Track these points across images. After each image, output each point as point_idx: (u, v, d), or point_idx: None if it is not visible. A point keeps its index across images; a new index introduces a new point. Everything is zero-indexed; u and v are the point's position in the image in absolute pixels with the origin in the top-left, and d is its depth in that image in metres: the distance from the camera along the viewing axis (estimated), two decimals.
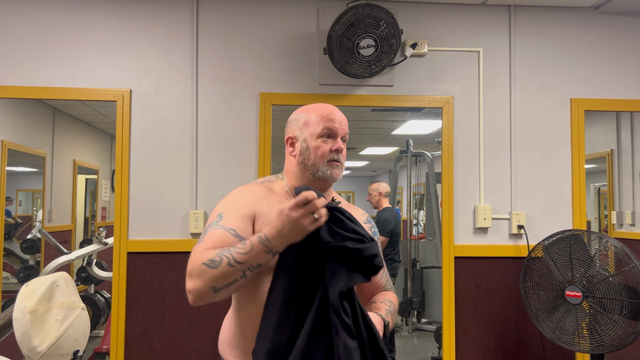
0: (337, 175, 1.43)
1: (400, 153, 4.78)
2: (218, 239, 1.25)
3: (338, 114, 1.46)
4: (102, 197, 4.86)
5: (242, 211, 1.33)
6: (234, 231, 1.28)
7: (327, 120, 1.43)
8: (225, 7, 2.80)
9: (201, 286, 1.17)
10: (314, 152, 1.41)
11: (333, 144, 1.42)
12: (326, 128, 1.42)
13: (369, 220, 1.56)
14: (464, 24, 2.90)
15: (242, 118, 2.78)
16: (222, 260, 1.16)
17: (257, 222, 1.34)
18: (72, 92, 2.69)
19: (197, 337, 2.69)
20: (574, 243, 2.41)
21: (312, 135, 1.43)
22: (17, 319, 1.24)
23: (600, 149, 3.61)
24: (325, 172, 1.41)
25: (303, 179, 1.44)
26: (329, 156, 1.41)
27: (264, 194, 1.41)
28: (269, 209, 1.36)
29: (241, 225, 1.30)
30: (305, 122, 1.45)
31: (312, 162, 1.41)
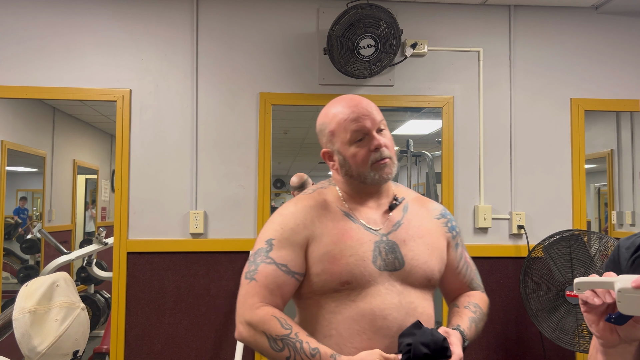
0: (389, 174, 1.28)
1: (400, 153, 4.78)
2: (270, 279, 1.22)
3: (361, 106, 1.28)
4: (102, 197, 4.86)
5: (293, 239, 1.25)
6: (286, 267, 1.23)
7: (351, 121, 1.27)
8: (225, 8, 2.80)
9: (252, 344, 1.20)
10: (353, 161, 1.27)
11: (369, 143, 1.26)
12: (355, 131, 1.26)
13: (444, 215, 1.40)
14: (464, 24, 2.90)
15: (242, 118, 2.78)
16: (285, 349, 1.16)
17: (310, 247, 1.26)
18: (72, 92, 2.69)
19: (197, 337, 2.69)
20: (574, 243, 2.41)
21: (343, 144, 1.28)
22: (16, 318, 1.24)
23: (600, 149, 3.61)
24: (374, 177, 1.27)
25: (352, 187, 1.32)
26: (370, 159, 1.26)
27: (316, 213, 1.29)
28: (322, 231, 1.26)
29: (293, 258, 1.24)
30: (331, 132, 1.30)
31: (356, 172, 1.28)
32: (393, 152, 1.29)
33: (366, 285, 1.23)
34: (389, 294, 1.22)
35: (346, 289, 1.23)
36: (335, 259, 1.23)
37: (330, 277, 1.23)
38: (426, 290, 1.29)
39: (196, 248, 2.71)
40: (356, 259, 1.23)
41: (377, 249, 1.25)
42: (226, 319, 2.70)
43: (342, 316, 1.22)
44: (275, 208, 5.84)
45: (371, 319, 1.20)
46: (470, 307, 1.33)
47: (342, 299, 1.23)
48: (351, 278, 1.22)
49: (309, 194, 1.35)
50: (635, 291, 0.74)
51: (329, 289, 1.23)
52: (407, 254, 1.27)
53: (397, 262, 1.26)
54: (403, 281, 1.25)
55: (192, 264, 2.71)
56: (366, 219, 1.30)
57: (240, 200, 2.76)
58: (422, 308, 1.26)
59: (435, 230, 1.35)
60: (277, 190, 14.16)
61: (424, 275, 1.27)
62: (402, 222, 1.31)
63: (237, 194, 2.76)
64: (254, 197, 2.76)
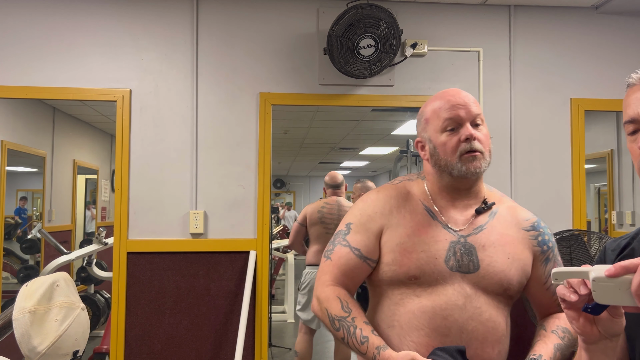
0: (478, 168, 1.22)
1: (400, 153, 4.78)
2: (344, 261, 1.28)
3: (459, 97, 1.24)
4: (102, 197, 4.86)
5: (369, 226, 1.29)
6: (359, 251, 1.28)
7: (445, 109, 1.23)
8: (225, 7, 2.80)
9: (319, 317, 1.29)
10: (442, 149, 1.24)
11: (461, 133, 1.22)
12: (447, 119, 1.23)
13: (535, 228, 1.32)
14: (464, 24, 2.90)
15: (242, 118, 2.78)
16: (341, 330, 1.22)
17: (384, 236, 1.28)
18: (72, 92, 2.69)
19: (197, 337, 2.69)
20: (574, 243, 2.41)
21: (435, 132, 1.25)
22: (16, 319, 1.24)
23: (600, 149, 3.61)
24: (461, 168, 1.22)
25: (441, 180, 1.28)
26: (459, 149, 1.22)
27: (396, 203, 1.30)
28: (399, 221, 1.27)
29: (367, 243, 1.28)
30: (426, 120, 1.28)
31: (444, 162, 1.24)
32: (487, 149, 1.24)
33: (434, 283, 1.22)
34: (454, 295, 1.21)
35: (413, 283, 1.23)
36: (407, 251, 1.23)
37: (399, 268, 1.23)
38: (501, 299, 1.25)
39: (196, 248, 2.71)
40: (427, 256, 1.22)
41: (452, 249, 1.23)
42: (226, 319, 2.70)
43: (404, 309, 1.23)
44: (275, 208, 5.92)
45: (431, 316, 1.20)
46: (559, 331, 1.26)
47: (408, 293, 1.23)
48: (420, 273, 1.22)
49: (394, 184, 1.36)
50: (609, 280, 0.74)
51: (396, 280, 1.24)
52: (483, 259, 1.23)
53: (472, 265, 1.23)
54: (475, 285, 1.22)
55: (192, 264, 2.71)
56: (447, 218, 1.27)
57: (240, 200, 2.76)
58: (489, 315, 1.21)
59: (520, 241, 1.29)
60: (277, 190, 14.16)
61: (499, 283, 1.23)
62: (485, 227, 1.27)
63: (237, 194, 2.76)
64: (254, 197, 2.76)
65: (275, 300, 6.39)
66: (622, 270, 0.73)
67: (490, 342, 1.22)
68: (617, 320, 0.80)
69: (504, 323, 1.26)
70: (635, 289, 0.71)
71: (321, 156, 8.99)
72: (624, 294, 0.74)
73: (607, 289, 0.75)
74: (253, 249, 2.73)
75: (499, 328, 1.24)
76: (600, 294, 0.76)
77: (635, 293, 0.71)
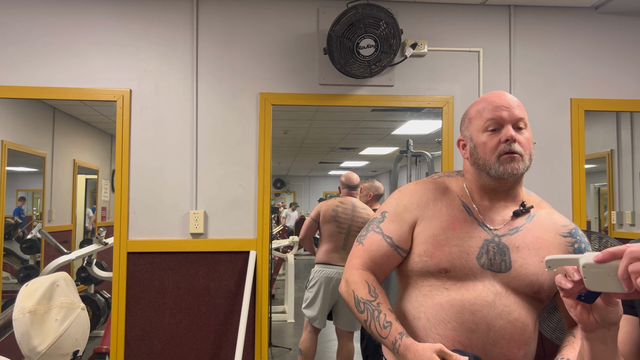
0: (516, 170, 1.22)
1: (400, 153, 4.78)
2: (375, 247, 1.32)
3: (503, 99, 1.26)
4: (102, 197, 4.86)
5: (404, 215, 1.32)
6: (391, 240, 1.31)
7: (489, 110, 1.25)
8: (225, 7, 2.80)
9: (345, 299, 1.32)
10: (481, 149, 1.25)
11: (502, 134, 1.23)
12: (489, 119, 1.25)
13: (573, 235, 1.30)
14: (464, 24, 2.90)
15: (242, 118, 2.78)
16: (365, 313, 1.24)
17: (417, 227, 1.30)
18: (72, 92, 2.69)
19: (197, 337, 2.69)
20: None
21: (477, 131, 1.27)
22: (16, 318, 1.24)
23: (600, 149, 3.61)
24: (498, 169, 1.23)
25: (480, 179, 1.29)
26: (498, 150, 1.23)
27: (433, 196, 1.32)
28: (434, 214, 1.29)
29: (399, 233, 1.31)
30: (470, 119, 1.31)
31: (483, 161, 1.25)
32: (527, 152, 1.25)
33: (464, 278, 1.22)
34: (484, 291, 1.21)
35: (443, 276, 1.23)
36: (439, 244, 1.25)
37: (430, 260, 1.24)
38: (531, 301, 1.24)
39: (196, 248, 2.71)
40: (460, 250, 1.23)
41: (485, 247, 1.24)
42: (226, 319, 2.70)
43: (432, 301, 1.23)
44: (275, 208, 5.91)
45: (459, 310, 1.20)
46: None
47: (437, 285, 1.24)
48: (450, 267, 1.22)
49: (433, 179, 1.37)
50: (599, 266, 0.75)
51: (427, 272, 1.25)
52: (516, 260, 1.23)
53: (504, 265, 1.23)
54: (505, 284, 1.22)
55: (192, 264, 2.71)
56: (484, 216, 1.28)
57: (240, 200, 2.76)
58: (518, 314, 1.21)
59: (556, 246, 1.28)
60: (277, 190, 14.16)
61: (530, 285, 1.22)
62: (521, 230, 1.27)
63: (237, 194, 2.76)
64: (254, 197, 2.76)
65: (275, 300, 6.40)
66: (609, 256, 0.74)
67: (517, 342, 1.21)
68: (612, 309, 0.81)
69: (532, 325, 1.25)
70: (621, 273, 0.72)
71: (321, 156, 8.99)
72: (612, 279, 0.75)
73: (597, 275, 0.76)
74: (253, 249, 2.73)
75: (527, 329, 1.23)
76: (591, 281, 0.77)
77: (621, 277, 0.72)
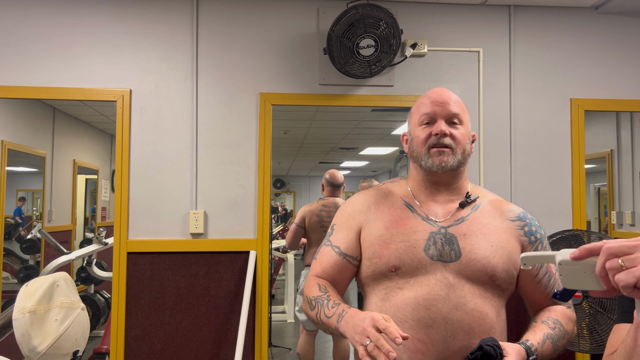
0: (444, 162, 1.26)
1: (400, 153, 4.78)
2: (325, 259, 1.36)
3: (441, 95, 1.31)
4: (102, 197, 4.86)
5: (349, 224, 1.35)
6: (338, 249, 1.34)
7: (425, 105, 1.31)
8: (225, 7, 2.80)
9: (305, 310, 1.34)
10: (416, 141, 1.31)
11: (434, 127, 1.28)
12: (424, 114, 1.30)
13: (521, 218, 1.32)
14: (464, 24, 2.90)
15: (242, 118, 2.78)
16: (315, 308, 1.27)
17: (363, 231, 1.33)
18: (72, 92, 2.69)
19: (197, 337, 2.69)
20: (574, 243, 2.41)
21: (414, 125, 1.33)
22: (16, 318, 1.24)
23: (600, 149, 3.61)
24: (427, 161, 1.28)
25: (418, 175, 1.34)
26: (428, 142, 1.27)
27: (375, 200, 1.35)
28: (377, 216, 1.31)
29: (346, 241, 1.34)
30: (410, 114, 1.37)
31: (416, 153, 1.30)
32: (460, 147, 1.27)
33: (415, 273, 1.22)
34: (437, 285, 1.21)
35: (396, 275, 1.24)
36: (385, 243, 1.26)
37: (380, 260, 1.26)
38: (487, 288, 1.23)
39: (196, 248, 2.71)
40: (406, 245, 1.24)
41: (431, 239, 1.25)
42: (226, 319, 2.70)
43: (389, 304, 1.24)
44: (275, 208, 5.93)
45: (413, 307, 1.20)
46: (549, 322, 1.24)
47: (392, 287, 1.25)
48: (400, 263, 1.23)
49: (378, 187, 1.42)
50: (575, 263, 0.73)
51: (379, 274, 1.26)
52: (465, 246, 1.24)
53: (454, 254, 1.23)
54: (458, 274, 1.22)
55: (192, 264, 2.71)
56: (427, 211, 1.30)
57: (240, 200, 2.76)
58: (474, 304, 1.20)
59: (505, 230, 1.29)
60: (277, 190, 14.16)
61: (483, 270, 1.22)
62: (467, 219, 1.29)
63: (237, 194, 2.76)
64: (254, 197, 2.76)
65: (275, 300, 6.40)
66: (586, 252, 0.73)
67: (477, 332, 1.20)
68: None
69: (492, 314, 1.24)
70: (598, 270, 0.71)
71: (321, 156, 8.99)
72: (589, 276, 0.73)
73: (573, 272, 0.74)
74: (253, 249, 2.73)
75: (487, 318, 1.22)
76: (567, 279, 0.75)
77: (599, 274, 0.71)
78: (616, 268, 0.69)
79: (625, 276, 0.68)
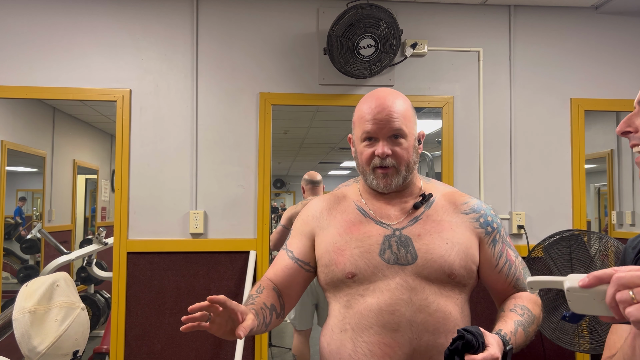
0: (388, 185, 1.25)
1: None
2: (278, 262, 1.35)
3: (381, 108, 1.23)
4: (102, 197, 4.86)
5: (303, 229, 1.35)
6: (292, 253, 1.34)
7: (366, 121, 1.24)
8: (225, 8, 2.80)
9: None
10: (360, 157, 1.28)
11: (376, 147, 1.24)
12: (365, 132, 1.25)
13: (475, 210, 1.30)
14: (464, 24, 2.90)
15: (242, 118, 2.78)
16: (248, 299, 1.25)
17: (316, 239, 1.32)
18: (72, 92, 2.69)
19: (197, 337, 2.69)
20: (574, 243, 2.41)
21: (357, 139, 1.29)
22: (16, 318, 1.24)
23: (600, 149, 3.61)
24: (372, 181, 1.27)
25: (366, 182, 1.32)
26: (372, 163, 1.25)
27: (328, 205, 1.34)
28: (329, 222, 1.31)
29: (299, 246, 1.34)
30: (353, 122, 1.32)
31: (362, 169, 1.29)
32: (403, 163, 1.24)
33: (373, 278, 1.21)
34: (398, 289, 1.20)
35: (354, 283, 1.23)
36: (340, 249, 1.25)
37: (336, 267, 1.24)
38: (447, 286, 1.22)
39: (196, 248, 2.71)
40: (361, 251, 1.23)
41: (386, 242, 1.23)
42: None
43: (352, 311, 1.23)
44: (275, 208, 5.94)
45: (377, 313, 1.20)
46: (517, 309, 1.24)
47: (352, 294, 1.24)
48: (356, 270, 1.22)
49: (333, 191, 1.42)
50: (584, 290, 0.73)
51: (338, 281, 1.25)
52: (420, 247, 1.23)
53: (410, 256, 1.22)
54: (417, 276, 1.21)
55: (192, 264, 2.71)
56: (380, 214, 1.29)
57: (240, 200, 2.76)
58: (437, 305, 1.20)
59: (459, 225, 1.27)
60: (277, 190, 14.15)
61: (441, 270, 1.21)
62: (421, 218, 1.27)
63: (237, 194, 2.76)
64: (254, 197, 2.76)
65: None
66: (595, 280, 0.71)
67: (442, 332, 1.20)
68: None
69: (456, 312, 1.23)
70: (609, 301, 0.69)
71: (321, 156, 8.98)
72: (599, 304, 0.72)
73: (582, 299, 0.74)
74: (253, 249, 2.73)
75: (450, 318, 1.22)
76: (576, 304, 0.74)
77: (609, 304, 0.69)
78: (627, 301, 0.66)
79: (636, 311, 0.64)
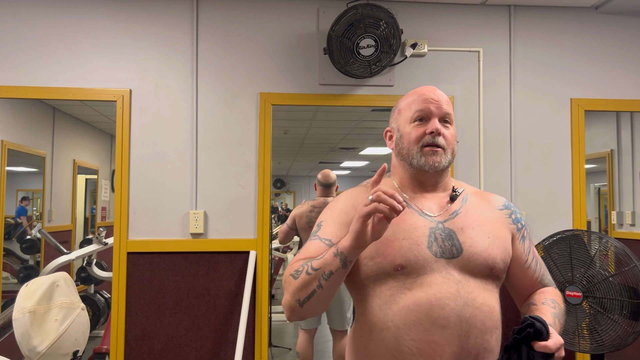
0: (437, 163, 1.24)
1: None
2: (312, 249, 1.21)
3: (433, 93, 1.28)
4: (102, 197, 4.86)
5: (340, 218, 1.26)
6: (329, 241, 1.22)
7: (418, 102, 1.26)
8: (225, 7, 2.80)
9: (289, 299, 1.16)
10: (406, 139, 1.27)
11: (428, 126, 1.24)
12: (418, 110, 1.25)
13: (507, 206, 1.36)
14: (464, 24, 2.90)
15: (242, 118, 2.78)
16: (303, 269, 1.14)
17: None
18: (72, 92, 2.69)
19: (197, 337, 2.69)
20: (574, 243, 2.41)
21: (405, 122, 1.28)
22: (16, 319, 1.24)
23: (600, 149, 3.61)
24: (419, 160, 1.24)
25: (405, 172, 1.30)
26: (422, 140, 1.24)
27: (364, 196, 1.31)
28: None
29: (338, 234, 1.22)
30: (399, 110, 1.32)
31: (406, 151, 1.26)
32: (450, 147, 1.26)
33: (421, 271, 1.18)
34: (445, 283, 1.17)
35: (401, 275, 1.18)
36: (388, 241, 1.19)
37: (384, 259, 1.18)
38: (489, 281, 1.22)
39: (196, 248, 2.71)
40: (410, 243, 1.19)
41: (432, 235, 1.21)
42: (226, 319, 2.70)
43: (397, 306, 1.17)
44: (275, 208, 5.94)
45: (427, 308, 1.15)
46: (549, 302, 1.25)
47: (398, 287, 1.18)
48: (405, 262, 1.18)
49: (361, 185, 1.35)
50: None
51: (383, 274, 1.19)
52: (465, 241, 1.22)
53: (455, 249, 1.20)
54: (462, 269, 1.19)
55: (192, 264, 2.71)
56: (421, 206, 1.27)
57: (240, 200, 2.76)
58: (482, 299, 1.18)
59: (497, 220, 1.30)
60: (277, 190, 14.16)
61: (485, 263, 1.21)
62: (460, 211, 1.27)
63: (237, 194, 2.76)
64: (254, 197, 2.76)
65: (275, 300, 6.39)
66: None
67: (488, 328, 1.18)
68: None
69: (497, 306, 1.23)
70: None
71: (321, 156, 8.98)
72: None
73: None
74: (253, 249, 2.73)
75: (494, 312, 1.21)
76: None
77: None
78: None
79: None
